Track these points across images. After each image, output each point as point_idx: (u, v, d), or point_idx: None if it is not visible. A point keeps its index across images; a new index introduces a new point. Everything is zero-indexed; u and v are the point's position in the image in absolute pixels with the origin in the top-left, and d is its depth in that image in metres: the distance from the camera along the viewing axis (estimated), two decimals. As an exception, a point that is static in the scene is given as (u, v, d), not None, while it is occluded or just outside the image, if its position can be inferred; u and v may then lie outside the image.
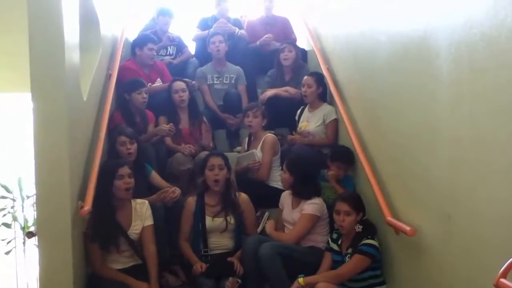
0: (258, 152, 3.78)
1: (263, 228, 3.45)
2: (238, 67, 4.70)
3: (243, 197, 3.37)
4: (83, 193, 2.86)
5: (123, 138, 3.40)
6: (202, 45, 4.95)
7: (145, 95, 3.99)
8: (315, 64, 4.63)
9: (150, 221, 3.09)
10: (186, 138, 4.03)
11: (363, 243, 2.87)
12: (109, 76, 4.08)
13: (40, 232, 2.63)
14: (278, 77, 4.58)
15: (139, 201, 3.12)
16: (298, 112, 4.23)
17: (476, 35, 1.93)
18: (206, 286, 3.00)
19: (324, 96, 4.22)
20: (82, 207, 2.73)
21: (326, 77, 4.21)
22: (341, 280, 2.90)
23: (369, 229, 2.98)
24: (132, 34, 5.13)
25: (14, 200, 6.04)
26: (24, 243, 5.81)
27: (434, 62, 2.30)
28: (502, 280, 1.45)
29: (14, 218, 5.99)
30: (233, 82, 4.66)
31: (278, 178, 3.63)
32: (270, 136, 3.84)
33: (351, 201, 2.97)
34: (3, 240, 5.91)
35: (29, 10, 2.57)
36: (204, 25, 5.29)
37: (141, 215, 3.07)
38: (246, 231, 3.33)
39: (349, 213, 2.93)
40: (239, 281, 3.03)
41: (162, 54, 4.97)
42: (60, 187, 2.61)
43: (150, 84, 4.33)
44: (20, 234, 5.91)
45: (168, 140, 3.94)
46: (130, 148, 3.39)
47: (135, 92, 3.95)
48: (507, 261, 1.48)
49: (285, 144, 4.05)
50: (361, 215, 2.97)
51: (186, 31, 5.43)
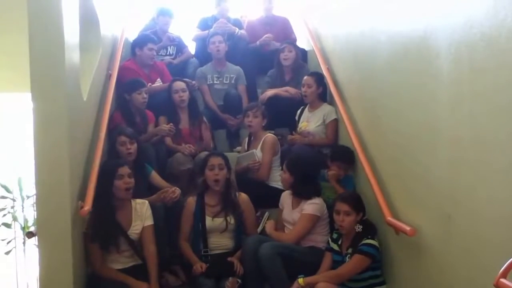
0: (258, 152, 3.78)
1: (263, 228, 3.45)
2: (238, 67, 4.70)
3: (243, 197, 3.37)
4: (83, 193, 2.86)
5: (123, 138, 3.40)
6: (202, 45, 4.95)
7: (145, 95, 3.99)
8: (315, 64, 4.62)
9: (150, 221, 3.09)
10: (186, 138, 4.03)
11: (363, 243, 2.87)
12: (109, 76, 4.08)
13: (40, 232, 2.63)
14: (278, 77, 4.58)
15: (139, 201, 3.12)
16: (298, 112, 4.23)
17: (476, 35, 1.93)
18: (206, 286, 3.00)
19: (324, 96, 4.22)
20: (82, 207, 2.73)
21: (326, 77, 4.21)
22: (341, 280, 2.90)
23: (369, 229, 2.98)
24: (132, 34, 5.13)
25: (14, 200, 6.04)
26: (24, 243, 5.81)
27: (434, 62, 2.30)
28: (502, 280, 1.45)
29: (14, 218, 5.99)
30: (233, 82, 4.65)
31: (278, 178, 3.63)
32: (270, 136, 3.84)
33: (351, 201, 2.97)
34: (3, 240, 5.91)
35: (29, 10, 2.57)
36: (204, 25, 5.29)
37: (141, 215, 3.07)
38: (246, 231, 3.33)
39: (349, 213, 2.93)
40: (239, 281, 3.03)
41: (162, 54, 4.97)
42: (60, 187, 2.61)
43: (150, 84, 4.33)
44: (20, 234, 5.91)
45: (168, 140, 3.94)
46: (130, 148, 3.39)
47: (135, 92, 3.95)
48: (507, 261, 1.48)
49: (285, 144, 4.04)
50: (361, 215, 2.97)
51: (186, 31, 5.44)
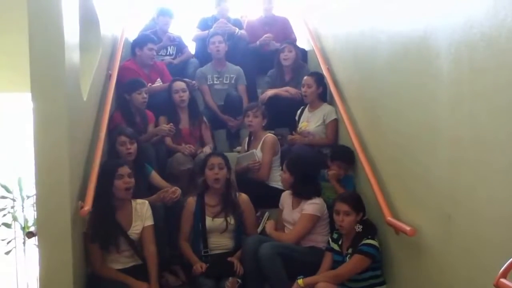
0: (258, 152, 3.78)
1: (263, 228, 3.45)
2: (238, 67, 4.70)
3: (243, 197, 3.37)
4: (83, 193, 2.86)
5: (123, 138, 3.40)
6: (202, 45, 4.94)
7: (145, 95, 3.99)
8: (315, 64, 4.62)
9: (150, 221, 3.09)
10: (186, 138, 4.03)
11: (363, 243, 2.87)
12: (109, 76, 4.08)
13: (40, 232, 2.63)
14: (278, 77, 4.57)
15: (139, 201, 3.12)
16: (298, 112, 4.23)
17: (476, 35, 1.92)
18: (206, 286, 3.00)
19: (324, 96, 4.22)
20: (82, 207, 2.73)
21: (326, 77, 4.21)
22: (340, 280, 2.89)
23: (369, 229, 2.97)
24: (132, 34, 5.13)
25: (14, 200, 6.04)
26: (24, 243, 5.81)
27: (434, 62, 2.30)
28: (502, 280, 1.45)
29: (14, 218, 5.98)
30: (233, 82, 4.65)
31: (278, 178, 3.63)
32: (270, 136, 3.84)
33: (351, 201, 2.96)
34: (3, 240, 5.90)
35: (29, 10, 2.57)
36: (204, 25, 5.29)
37: (141, 215, 3.07)
38: (246, 231, 3.33)
39: (348, 213, 2.92)
40: (239, 281, 3.03)
41: (162, 54, 4.97)
42: (60, 187, 2.61)
43: (150, 84, 4.33)
44: (20, 234, 5.91)
45: (168, 140, 3.95)
46: (130, 148, 3.39)
47: (135, 92, 3.95)
48: (507, 261, 1.48)
49: (285, 144, 4.04)
50: (361, 215, 2.97)
51: (186, 31, 5.44)
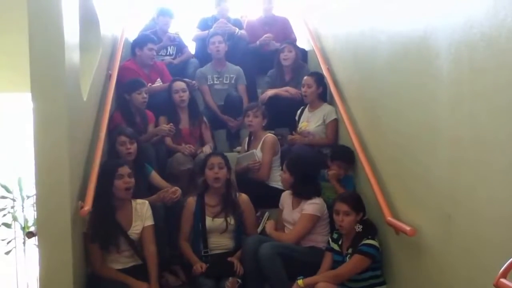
0: (258, 152, 3.78)
1: (263, 228, 3.45)
2: (238, 67, 4.69)
3: (243, 197, 3.37)
4: (83, 193, 2.86)
5: (123, 138, 3.40)
6: (202, 45, 4.94)
7: (145, 95, 3.99)
8: (315, 64, 4.62)
9: (150, 221, 3.09)
10: (186, 138, 4.03)
11: (363, 243, 2.86)
12: (109, 76, 4.08)
13: (40, 232, 2.63)
14: (278, 77, 4.57)
15: (140, 201, 3.12)
16: (298, 112, 4.23)
17: (476, 35, 1.92)
18: (206, 286, 3.00)
19: (324, 96, 4.22)
20: (82, 207, 2.74)
21: (326, 77, 4.21)
22: (340, 280, 2.89)
23: (369, 229, 2.97)
24: (132, 34, 5.13)
25: (14, 200, 6.04)
26: (24, 243, 5.81)
27: (434, 62, 2.30)
28: (502, 280, 1.45)
29: (14, 218, 5.98)
30: (233, 82, 4.65)
31: (278, 178, 3.62)
32: (270, 136, 3.84)
33: (351, 201, 2.96)
34: (3, 240, 5.90)
35: (29, 10, 2.57)
36: (204, 25, 5.29)
37: (141, 215, 3.07)
38: (246, 231, 3.33)
39: (348, 213, 2.92)
40: (239, 281, 3.03)
41: (162, 54, 4.98)
42: (60, 187, 2.61)
43: (150, 84, 4.33)
44: (20, 234, 5.91)
45: (168, 140, 3.95)
46: (130, 148, 3.39)
47: (135, 92, 3.95)
48: (507, 261, 1.48)
49: (285, 144, 4.04)
50: (361, 215, 2.97)
51: (186, 31, 5.44)
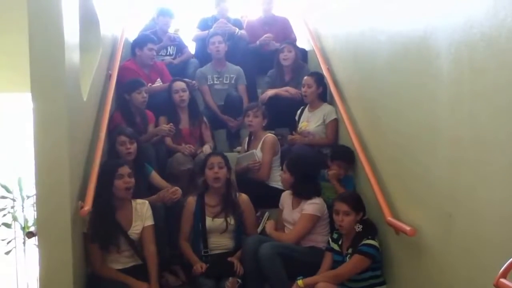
0: (258, 152, 3.78)
1: (263, 228, 3.45)
2: (238, 67, 4.69)
3: (243, 197, 3.37)
4: (83, 193, 2.86)
5: (123, 138, 3.40)
6: (202, 45, 4.94)
7: (145, 95, 3.99)
8: (315, 64, 4.62)
9: (150, 221, 3.09)
10: (186, 138, 4.03)
11: (363, 243, 2.86)
12: (109, 76, 4.08)
13: (40, 232, 2.63)
14: (278, 77, 4.57)
15: (140, 201, 3.12)
16: (298, 112, 4.23)
17: (476, 35, 1.92)
18: (206, 286, 3.00)
19: (324, 96, 4.22)
20: (82, 207, 2.74)
21: (326, 77, 4.21)
22: (340, 280, 2.89)
23: (369, 229, 2.97)
24: (132, 34, 5.12)
25: (14, 200, 6.04)
26: (24, 243, 5.81)
27: (434, 62, 2.30)
28: (502, 280, 1.45)
29: (14, 218, 5.99)
30: (233, 82, 4.64)
31: (278, 178, 3.62)
32: (270, 136, 3.84)
33: (350, 201, 2.96)
34: (3, 240, 5.90)
35: (29, 10, 2.57)
36: (204, 25, 5.29)
37: (141, 215, 3.07)
38: (246, 231, 3.33)
39: (348, 213, 2.92)
40: (239, 281, 3.03)
41: (162, 54, 4.98)
42: (60, 187, 2.61)
43: (150, 84, 4.33)
44: (20, 234, 5.91)
45: (168, 140, 3.94)
46: (129, 147, 3.38)
47: (135, 91, 3.95)
48: (507, 261, 1.48)
49: (285, 144, 4.04)
50: (361, 215, 2.97)
51: (186, 31, 5.44)
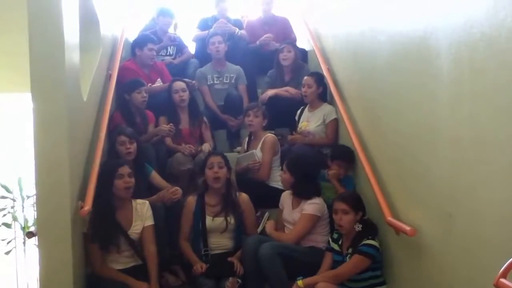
0: (258, 152, 3.78)
1: (263, 228, 3.45)
2: (238, 67, 4.69)
3: (244, 197, 3.37)
4: (83, 193, 2.86)
5: (123, 138, 3.41)
6: (202, 45, 4.94)
7: (145, 94, 3.99)
8: (316, 64, 4.62)
9: (150, 221, 3.09)
10: (186, 138, 4.03)
11: (363, 244, 2.86)
12: (109, 76, 4.08)
13: (40, 232, 2.63)
14: (278, 77, 4.57)
15: (140, 201, 3.12)
16: (298, 112, 4.22)
17: (476, 35, 1.92)
18: (206, 286, 3.00)
19: (324, 96, 4.22)
20: (82, 207, 2.74)
21: (326, 77, 4.21)
22: (340, 279, 2.89)
23: (369, 229, 2.97)
24: (132, 34, 5.13)
25: (14, 200, 6.04)
26: (24, 243, 5.81)
27: (434, 62, 2.30)
28: (502, 280, 1.45)
29: (14, 218, 5.99)
30: (233, 81, 4.64)
31: (278, 178, 3.62)
32: (270, 136, 3.84)
33: (350, 200, 2.96)
34: (3, 240, 5.91)
35: (29, 10, 2.57)
36: (204, 25, 5.29)
37: (141, 215, 3.07)
38: (246, 231, 3.33)
39: (346, 211, 2.92)
40: (239, 281, 3.03)
41: (162, 54, 4.98)
42: (60, 187, 2.61)
43: (150, 84, 4.33)
44: (20, 234, 5.91)
45: (168, 140, 3.94)
46: (129, 147, 3.38)
47: (135, 91, 3.95)
48: (507, 261, 1.48)
49: (285, 144, 4.04)
50: (360, 215, 2.96)
51: (186, 31, 5.44)
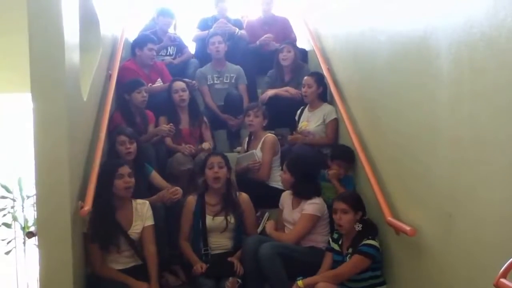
0: (258, 152, 3.78)
1: (263, 228, 3.45)
2: (238, 67, 4.69)
3: (244, 197, 3.37)
4: (83, 193, 2.86)
5: (123, 138, 3.41)
6: (202, 45, 4.94)
7: (145, 94, 3.99)
8: (316, 64, 4.62)
9: (150, 221, 3.09)
10: (186, 138, 4.03)
11: (363, 244, 2.86)
12: (109, 76, 4.08)
13: (40, 232, 2.63)
14: (277, 77, 4.57)
15: (140, 201, 3.12)
16: (298, 112, 4.23)
17: (476, 35, 1.92)
18: (206, 286, 3.00)
19: (324, 96, 4.22)
20: (82, 207, 2.74)
21: (326, 77, 4.21)
22: (340, 279, 2.89)
23: (369, 229, 2.97)
24: (132, 34, 5.12)
25: (14, 200, 6.05)
26: (24, 243, 5.82)
27: (434, 62, 2.30)
28: (502, 280, 1.45)
29: (14, 218, 5.99)
30: (233, 81, 4.64)
31: (278, 178, 3.62)
32: (270, 136, 3.84)
33: (349, 200, 2.96)
34: (3, 240, 5.91)
35: (29, 10, 2.57)
36: (204, 25, 5.29)
37: (141, 215, 3.07)
38: (246, 231, 3.33)
39: (346, 211, 2.92)
40: (239, 281, 3.03)
41: (162, 54, 4.98)
42: (60, 187, 2.61)
43: (150, 84, 4.33)
44: (20, 234, 5.92)
45: (168, 140, 3.94)
46: (129, 147, 3.38)
47: (135, 91, 3.95)
48: (507, 261, 1.48)
49: (285, 144, 4.04)
50: (360, 214, 2.96)
51: (186, 31, 5.44)
